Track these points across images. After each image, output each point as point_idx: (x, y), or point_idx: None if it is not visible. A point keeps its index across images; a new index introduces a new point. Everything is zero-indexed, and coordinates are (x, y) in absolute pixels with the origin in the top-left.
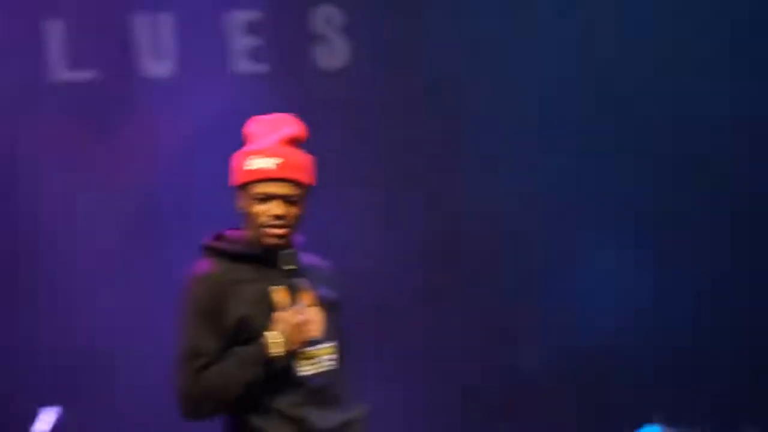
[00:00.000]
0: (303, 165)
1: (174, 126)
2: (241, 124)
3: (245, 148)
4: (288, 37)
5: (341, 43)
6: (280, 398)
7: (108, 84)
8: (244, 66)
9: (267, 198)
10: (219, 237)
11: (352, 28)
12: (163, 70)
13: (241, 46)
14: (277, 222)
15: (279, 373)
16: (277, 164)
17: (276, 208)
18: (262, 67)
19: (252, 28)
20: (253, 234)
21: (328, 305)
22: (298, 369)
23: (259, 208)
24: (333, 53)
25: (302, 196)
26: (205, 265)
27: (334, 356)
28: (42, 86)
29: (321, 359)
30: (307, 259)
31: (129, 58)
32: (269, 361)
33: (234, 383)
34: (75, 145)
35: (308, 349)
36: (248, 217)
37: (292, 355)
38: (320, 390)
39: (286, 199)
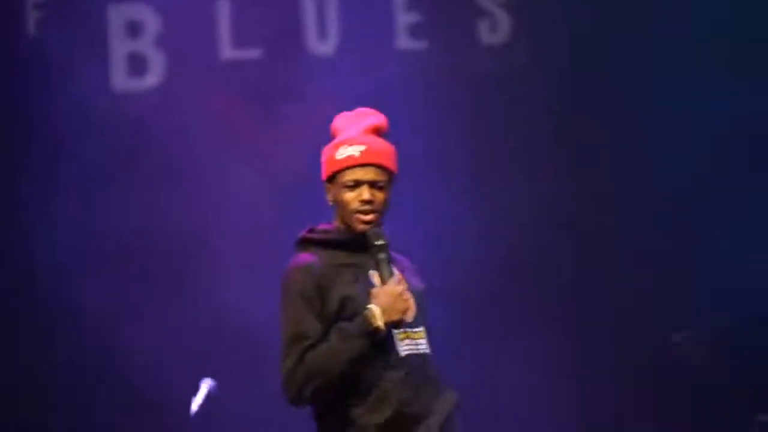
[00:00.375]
0: (386, 152)
1: (337, 103)
2: (403, 100)
3: (333, 141)
4: (450, 12)
5: (504, 18)
6: (379, 379)
7: (273, 62)
8: (407, 42)
9: (355, 185)
10: (311, 231)
11: (515, 3)
12: (327, 48)
13: (404, 23)
14: (366, 207)
15: (378, 353)
16: (361, 151)
17: (364, 193)
18: (424, 44)
19: (414, 4)
20: (344, 223)
21: (415, 293)
22: (397, 348)
23: (348, 195)
24: (495, 28)
25: (388, 183)
26: (304, 256)
27: (425, 340)
28: (210, 64)
29: (417, 341)
30: (393, 254)
31: (294, 36)
32: (372, 333)
33: (338, 358)
34: (240, 122)
35: (405, 329)
36: (339, 206)
37: (394, 326)
38: (417, 372)
39: (372, 185)
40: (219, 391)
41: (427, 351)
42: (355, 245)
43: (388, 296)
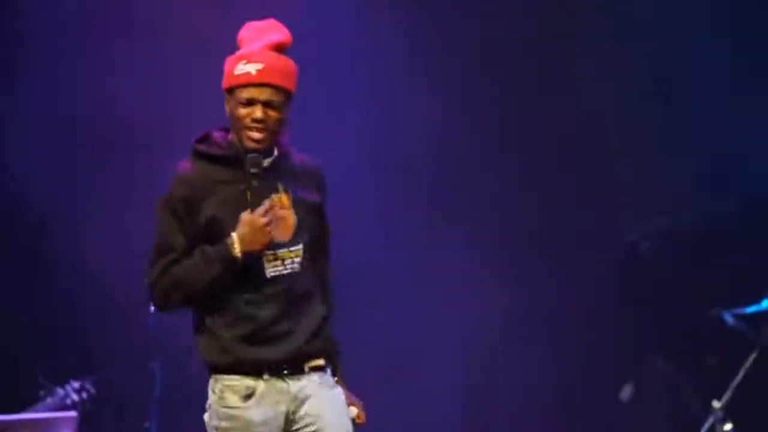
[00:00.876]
0: (285, 71)
1: None
2: None
3: (234, 54)
4: None
5: None
6: (240, 297)
7: None
8: None
9: (249, 103)
10: (205, 138)
11: None
12: None
13: None
14: (256, 125)
15: (243, 272)
16: (258, 70)
17: (257, 111)
18: None
19: None
20: (237, 136)
21: (305, 207)
22: (264, 269)
23: (242, 111)
24: None
25: (283, 102)
26: (185, 165)
27: (299, 259)
28: None
29: (288, 261)
30: (296, 158)
31: None
32: (233, 260)
33: (199, 278)
34: (198, 12)
35: (273, 251)
36: (233, 120)
37: (257, 256)
38: (283, 291)
39: (266, 104)
40: None
41: (297, 269)
42: (241, 162)
43: (249, 227)
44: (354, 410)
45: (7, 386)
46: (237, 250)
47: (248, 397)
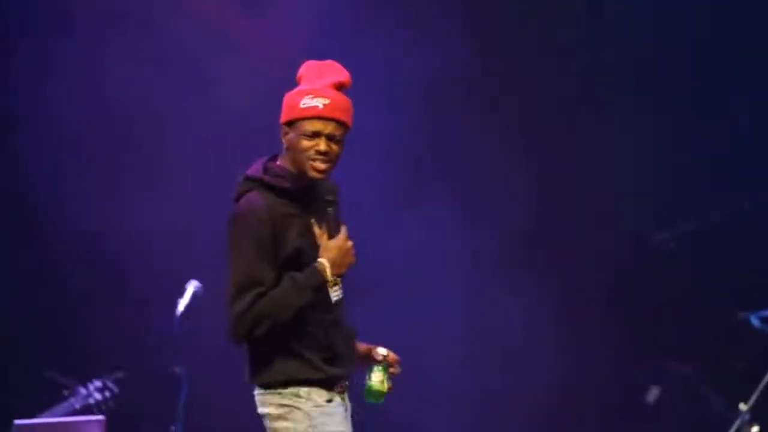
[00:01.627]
0: (346, 108)
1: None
2: None
3: (297, 89)
4: None
5: None
6: (313, 322)
7: None
8: None
9: (314, 135)
10: (265, 171)
11: None
12: None
13: None
14: (321, 157)
15: (319, 301)
16: (325, 104)
17: (321, 144)
18: None
19: None
20: (296, 167)
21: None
22: (330, 295)
23: (306, 143)
24: None
25: (343, 137)
26: (257, 199)
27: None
28: None
29: (341, 287)
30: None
31: None
32: (323, 285)
33: (288, 305)
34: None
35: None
36: (294, 151)
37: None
38: (340, 315)
39: (330, 138)
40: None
41: (342, 294)
42: (302, 195)
43: (337, 251)
44: (383, 350)
45: (30, 387)
46: (329, 274)
47: (328, 402)
